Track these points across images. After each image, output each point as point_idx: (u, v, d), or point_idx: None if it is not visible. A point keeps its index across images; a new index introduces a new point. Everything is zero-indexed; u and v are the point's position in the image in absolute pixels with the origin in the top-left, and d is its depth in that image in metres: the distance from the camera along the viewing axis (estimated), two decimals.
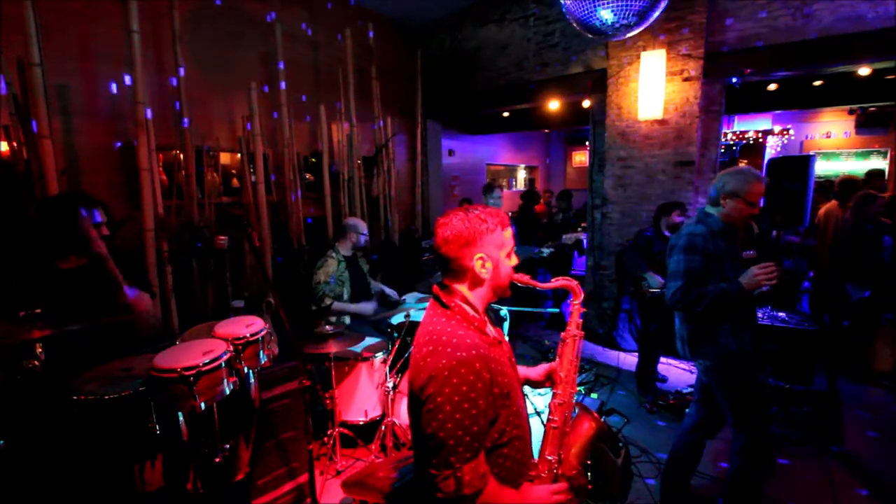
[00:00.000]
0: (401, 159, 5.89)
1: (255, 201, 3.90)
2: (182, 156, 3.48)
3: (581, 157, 11.89)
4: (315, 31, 4.66)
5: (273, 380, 2.27)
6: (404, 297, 3.67)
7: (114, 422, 1.58)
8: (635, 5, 2.44)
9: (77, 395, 1.54)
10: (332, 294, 3.25)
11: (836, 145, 8.48)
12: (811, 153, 7.89)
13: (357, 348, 2.82)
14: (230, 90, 3.93)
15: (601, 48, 4.56)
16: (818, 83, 5.30)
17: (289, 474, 2.34)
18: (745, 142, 8.57)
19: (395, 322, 3.12)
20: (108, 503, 1.64)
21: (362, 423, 2.81)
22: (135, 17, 2.99)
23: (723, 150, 7.75)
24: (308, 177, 4.63)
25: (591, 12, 2.51)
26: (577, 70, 4.83)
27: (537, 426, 1.76)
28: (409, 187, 6.04)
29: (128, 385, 1.62)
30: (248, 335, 1.87)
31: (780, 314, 3.50)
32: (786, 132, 8.42)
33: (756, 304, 2.35)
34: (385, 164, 5.20)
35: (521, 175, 11.62)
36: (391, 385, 2.73)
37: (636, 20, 2.50)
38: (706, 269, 1.97)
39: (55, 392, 1.59)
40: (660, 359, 3.82)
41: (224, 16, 3.91)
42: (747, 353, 2.00)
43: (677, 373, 4.00)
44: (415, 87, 5.71)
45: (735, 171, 2.06)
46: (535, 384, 1.46)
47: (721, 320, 1.99)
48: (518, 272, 1.29)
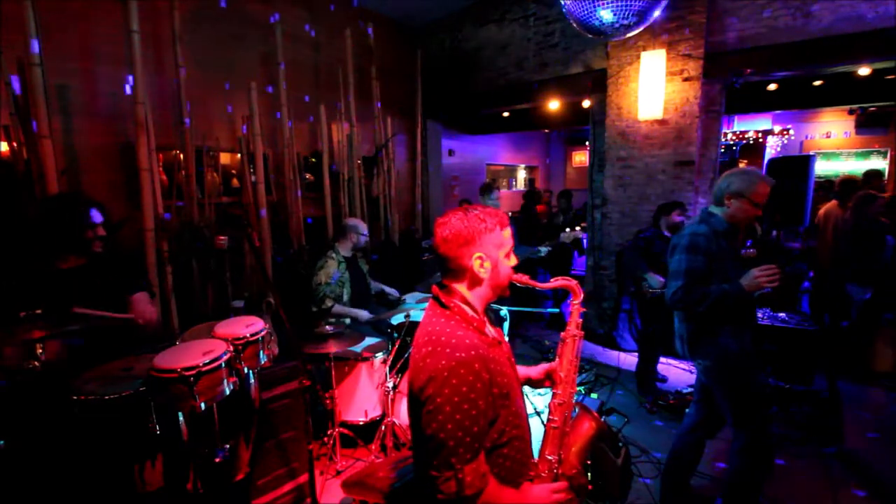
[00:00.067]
0: (401, 159, 5.89)
1: (255, 201, 3.91)
2: (182, 156, 3.48)
3: (581, 157, 11.89)
4: (315, 31, 4.66)
5: (273, 380, 2.27)
6: (404, 297, 3.67)
7: (114, 422, 1.57)
8: (635, 5, 2.44)
9: (77, 395, 1.54)
10: (332, 295, 3.25)
11: (836, 145, 8.47)
12: (811, 153, 7.88)
13: (357, 348, 2.82)
14: (230, 90, 3.93)
15: (601, 48, 4.56)
16: (818, 83, 5.30)
17: (289, 474, 2.34)
18: (745, 142, 8.56)
19: (395, 322, 3.13)
20: (108, 503, 1.64)
21: (362, 423, 2.81)
22: (135, 17, 3.00)
23: (723, 150, 7.75)
24: (308, 177, 4.63)
25: (591, 12, 2.52)
26: (577, 70, 4.83)
27: (537, 426, 1.76)
28: (409, 187, 6.04)
29: (128, 385, 1.61)
30: (248, 335, 1.87)
31: (780, 314, 3.51)
32: (786, 132, 8.41)
33: (756, 306, 2.35)
34: (385, 164, 5.21)
35: (521, 175, 11.61)
36: (391, 385, 2.73)
37: (636, 20, 2.51)
38: (708, 270, 1.97)
39: (55, 392, 1.59)
40: (660, 359, 3.82)
41: (224, 16, 3.91)
42: (747, 353, 2.00)
43: (677, 373, 4.00)
44: (415, 87, 5.71)
45: (741, 171, 2.04)
46: (535, 384, 1.46)
47: (721, 321, 1.99)
48: (517, 272, 1.29)
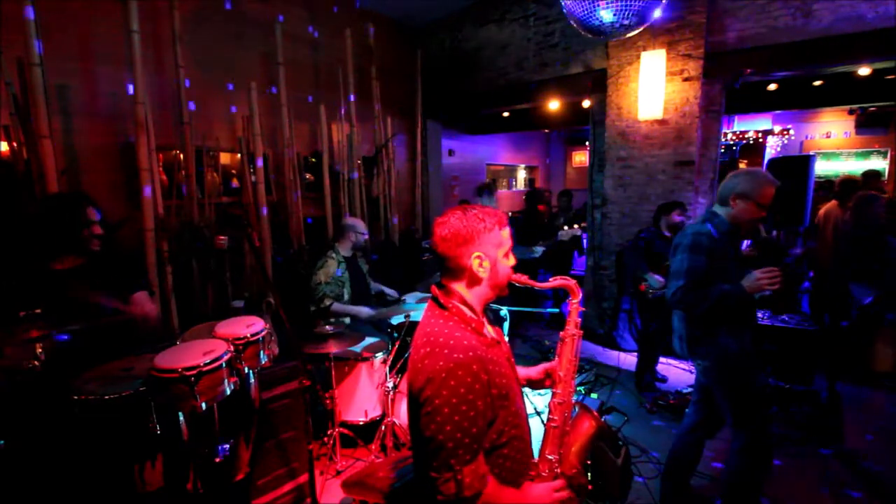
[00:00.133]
0: (401, 159, 5.89)
1: (255, 201, 3.91)
2: (182, 156, 3.48)
3: (581, 157, 11.88)
4: (315, 31, 4.66)
5: (273, 380, 2.26)
6: (404, 297, 3.67)
7: (114, 422, 1.58)
8: (635, 5, 2.44)
9: (77, 395, 1.54)
10: (332, 295, 3.25)
11: (836, 145, 8.46)
12: (811, 153, 7.87)
13: (357, 348, 2.82)
14: (230, 90, 3.93)
15: (601, 48, 4.56)
16: (818, 83, 5.30)
17: (289, 474, 2.34)
18: (745, 142, 8.56)
19: (395, 322, 3.13)
20: (108, 503, 1.64)
21: (362, 423, 2.81)
22: (135, 17, 3.00)
23: (723, 150, 7.74)
24: (308, 177, 4.63)
25: (591, 12, 2.51)
26: (577, 70, 4.83)
27: (537, 426, 1.76)
28: (409, 187, 6.04)
29: (128, 385, 1.62)
30: (249, 335, 1.87)
31: (781, 316, 3.51)
32: (786, 132, 8.41)
33: (757, 307, 2.35)
34: (385, 164, 5.20)
35: (521, 175, 11.60)
36: (391, 385, 2.73)
37: (636, 20, 2.50)
38: (709, 270, 1.96)
39: (55, 392, 1.59)
40: (659, 359, 3.82)
41: (224, 16, 3.91)
42: (747, 353, 2.00)
43: (677, 373, 4.00)
44: (415, 87, 5.71)
45: (748, 172, 2.03)
46: (536, 384, 1.46)
47: (721, 321, 1.99)
48: (516, 272, 1.29)
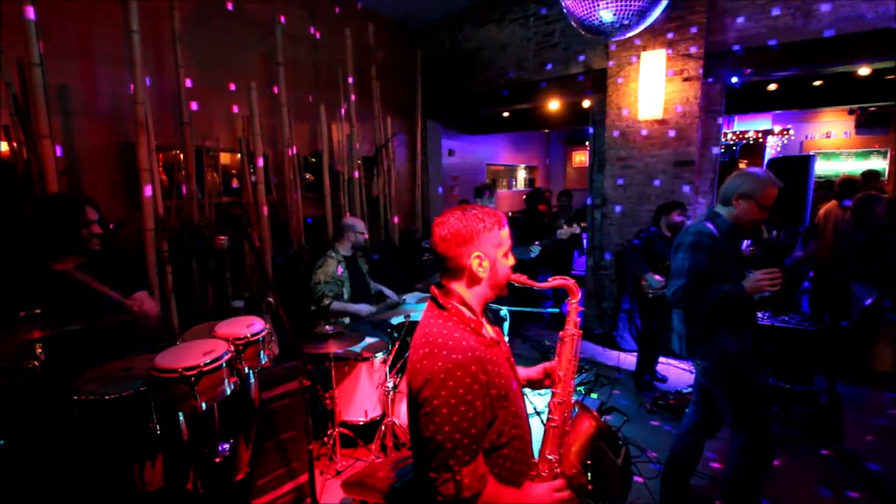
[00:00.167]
0: (401, 159, 5.89)
1: (255, 201, 3.91)
2: (182, 156, 3.48)
3: (581, 157, 11.89)
4: (315, 30, 4.66)
5: (273, 380, 2.27)
6: (404, 297, 3.67)
7: (114, 422, 1.57)
8: (635, 5, 2.44)
9: (77, 395, 1.54)
10: (331, 294, 3.25)
11: (836, 145, 8.47)
12: (811, 153, 7.87)
13: (357, 348, 2.82)
14: (230, 90, 3.92)
15: (601, 48, 4.56)
16: (818, 83, 5.30)
17: (289, 474, 2.34)
18: (745, 142, 8.56)
19: (395, 322, 3.13)
20: (108, 503, 1.64)
21: (362, 423, 2.81)
22: (135, 17, 2.99)
23: (723, 150, 7.73)
24: (308, 177, 4.63)
25: (591, 12, 2.51)
26: (577, 70, 4.83)
27: (537, 426, 1.76)
28: (409, 187, 6.04)
29: (128, 385, 1.61)
30: (249, 335, 1.87)
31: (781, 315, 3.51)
32: (786, 132, 8.41)
33: (757, 308, 2.35)
34: (385, 164, 5.20)
35: (521, 175, 11.61)
36: (391, 385, 2.73)
37: (636, 20, 2.50)
38: (710, 269, 1.96)
39: (55, 392, 1.59)
40: (659, 359, 3.82)
41: (224, 15, 3.91)
42: (747, 353, 2.00)
43: (677, 373, 4.00)
44: (415, 87, 5.71)
45: (752, 172, 2.02)
46: (536, 385, 1.46)
47: (721, 321, 1.99)
48: (516, 272, 1.29)
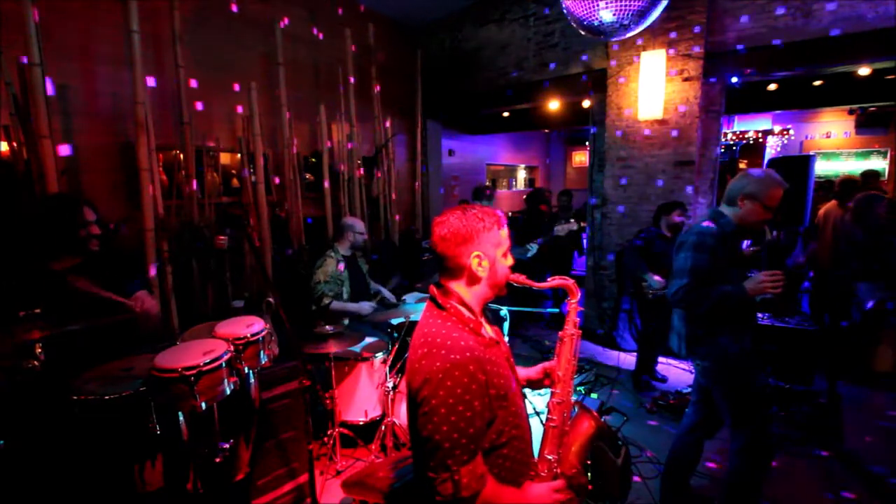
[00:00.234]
0: (401, 159, 5.89)
1: (255, 201, 3.91)
2: (182, 156, 3.48)
3: (581, 157, 11.89)
4: (315, 31, 4.66)
5: (273, 380, 2.26)
6: (404, 298, 3.67)
7: (114, 422, 1.57)
8: (635, 5, 2.44)
9: (77, 395, 1.54)
10: (331, 294, 3.25)
11: (836, 145, 8.47)
12: (811, 153, 7.87)
13: (357, 348, 2.82)
14: (230, 90, 3.93)
15: (601, 48, 4.55)
16: (818, 83, 5.30)
17: (289, 474, 2.34)
18: (745, 142, 8.56)
19: (395, 322, 3.12)
20: (108, 503, 1.64)
21: (362, 423, 2.81)
22: (135, 17, 2.99)
23: (723, 150, 7.74)
24: (308, 177, 4.63)
25: (592, 12, 2.51)
26: (577, 70, 4.83)
27: (537, 426, 1.76)
28: (409, 187, 6.04)
29: (128, 385, 1.61)
30: (249, 335, 1.87)
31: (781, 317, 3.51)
32: (786, 132, 8.41)
33: (758, 309, 2.35)
34: (385, 164, 5.21)
35: (521, 175, 11.61)
36: (391, 385, 2.73)
37: (636, 20, 2.50)
38: (713, 269, 1.96)
39: (55, 392, 1.59)
40: (659, 359, 3.81)
41: (224, 15, 3.91)
42: (747, 353, 2.00)
43: (677, 373, 4.00)
44: (415, 87, 5.71)
45: (758, 172, 2.02)
46: (535, 385, 1.46)
47: (722, 322, 1.98)
48: (516, 272, 1.29)
